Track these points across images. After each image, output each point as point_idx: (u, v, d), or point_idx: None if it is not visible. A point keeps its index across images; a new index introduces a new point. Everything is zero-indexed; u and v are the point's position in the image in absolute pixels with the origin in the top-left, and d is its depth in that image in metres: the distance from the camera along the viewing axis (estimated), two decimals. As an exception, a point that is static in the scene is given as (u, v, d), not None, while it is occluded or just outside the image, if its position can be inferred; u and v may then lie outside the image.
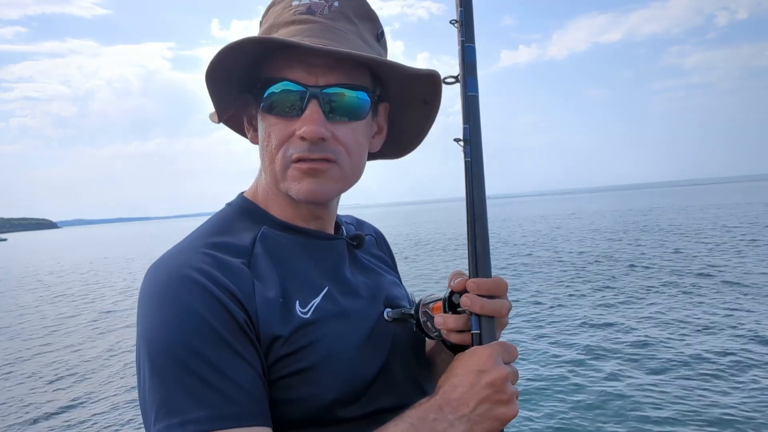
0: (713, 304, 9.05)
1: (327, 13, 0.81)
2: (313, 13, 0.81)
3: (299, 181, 0.81)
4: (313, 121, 0.77)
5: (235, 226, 0.85)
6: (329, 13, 0.81)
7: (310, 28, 0.79)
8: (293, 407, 0.75)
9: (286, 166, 0.81)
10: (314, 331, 0.78)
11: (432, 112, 0.94)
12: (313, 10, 0.81)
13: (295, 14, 0.81)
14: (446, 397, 0.72)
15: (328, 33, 0.79)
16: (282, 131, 0.80)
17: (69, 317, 12.73)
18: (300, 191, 0.81)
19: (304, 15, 0.81)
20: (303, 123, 0.78)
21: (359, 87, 0.82)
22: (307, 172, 0.80)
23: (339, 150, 0.81)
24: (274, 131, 0.81)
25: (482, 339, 0.77)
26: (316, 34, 0.78)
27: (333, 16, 0.82)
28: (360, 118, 0.83)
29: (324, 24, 0.80)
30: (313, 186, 0.81)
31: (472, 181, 0.81)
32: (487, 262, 0.80)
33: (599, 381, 5.99)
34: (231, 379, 0.68)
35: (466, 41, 0.83)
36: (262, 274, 0.78)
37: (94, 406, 6.53)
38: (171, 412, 0.66)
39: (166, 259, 0.77)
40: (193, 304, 0.69)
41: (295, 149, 0.79)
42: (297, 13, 0.81)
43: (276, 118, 0.80)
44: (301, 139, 0.78)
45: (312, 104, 0.78)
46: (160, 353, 0.68)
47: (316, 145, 0.79)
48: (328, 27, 0.80)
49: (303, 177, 0.80)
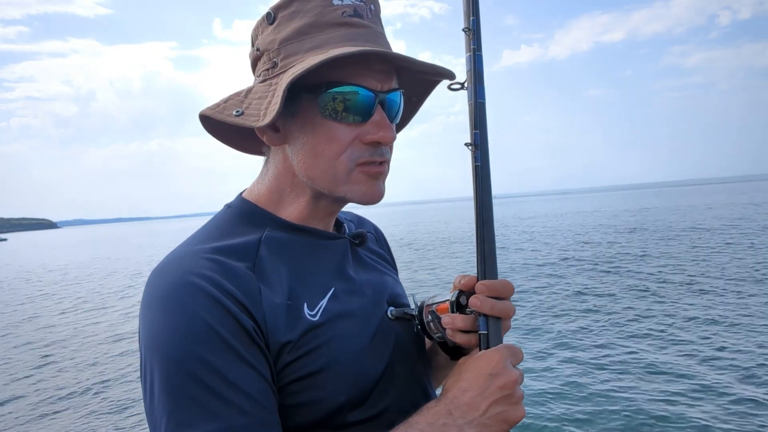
0: (724, 303, 9.05)
1: (370, 16, 0.82)
2: (360, 16, 0.81)
3: (364, 184, 0.83)
4: (386, 126, 0.81)
5: (238, 229, 0.84)
6: (371, 16, 0.83)
7: (365, 33, 0.80)
8: (302, 412, 0.75)
9: (351, 169, 0.81)
10: (323, 333, 0.77)
11: (415, 109, 0.97)
12: (359, 12, 0.81)
13: (344, 16, 0.80)
14: (456, 402, 0.72)
15: (379, 39, 0.82)
16: (347, 135, 0.80)
17: (69, 317, 12.72)
18: (366, 194, 0.83)
19: (354, 18, 0.80)
20: (377, 128, 0.80)
21: (399, 89, 0.85)
22: (374, 176, 0.83)
23: (388, 151, 0.85)
24: (337, 135, 0.80)
25: (490, 340, 0.77)
26: (372, 39, 0.80)
27: (374, 19, 0.83)
28: (398, 117, 0.87)
29: (373, 29, 0.82)
30: (377, 188, 0.84)
31: (481, 185, 0.81)
32: (494, 264, 0.80)
33: (599, 381, 5.99)
34: (241, 389, 0.67)
35: (477, 50, 0.83)
36: (268, 278, 0.78)
37: (96, 412, 6.52)
38: (180, 425, 0.65)
39: (169, 265, 0.75)
40: (199, 313, 0.68)
41: (361, 153, 0.81)
42: (346, 14, 0.80)
43: (338, 123, 0.79)
44: (371, 144, 0.81)
45: (380, 109, 0.81)
46: (168, 364, 0.67)
47: (380, 149, 0.82)
48: (376, 32, 0.82)
49: (368, 180, 0.83)
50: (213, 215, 0.91)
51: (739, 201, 41.92)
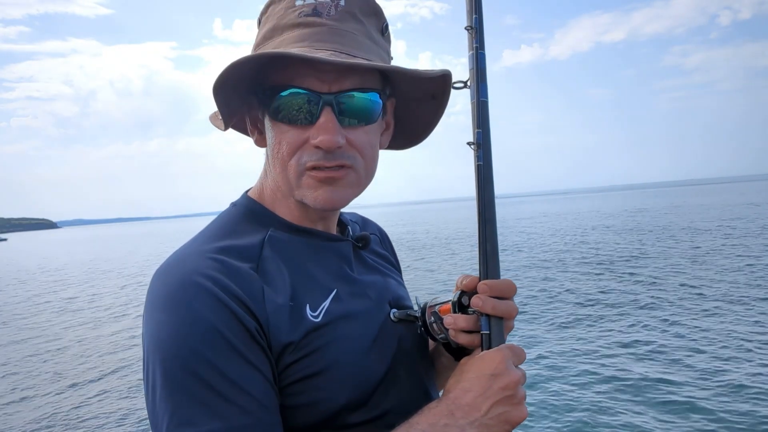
0: (725, 303, 9.04)
1: (333, 13, 0.78)
2: (319, 15, 0.78)
3: (315, 190, 0.79)
4: (328, 129, 0.76)
5: (242, 228, 0.84)
6: (336, 13, 0.79)
7: (318, 32, 0.77)
8: (303, 413, 0.75)
9: (300, 173, 0.79)
10: (325, 334, 0.77)
11: (440, 107, 0.92)
12: (319, 11, 0.78)
13: (300, 16, 0.78)
14: (457, 402, 0.72)
15: (336, 36, 0.77)
16: (294, 139, 0.78)
17: (68, 317, 12.72)
18: (317, 199, 0.80)
19: (311, 17, 0.78)
20: (318, 131, 0.76)
21: (371, 89, 0.80)
22: (324, 181, 0.79)
23: (354, 155, 0.80)
24: (285, 139, 0.78)
25: (492, 340, 0.77)
26: (324, 38, 0.76)
27: (340, 16, 0.79)
28: (373, 120, 0.82)
29: (331, 27, 0.78)
30: (329, 194, 0.80)
31: (484, 184, 0.80)
32: (496, 264, 0.80)
33: (599, 381, 5.98)
34: (243, 389, 0.67)
35: (479, 48, 0.82)
36: (272, 278, 0.77)
37: (97, 411, 6.52)
38: (183, 423, 0.65)
39: (173, 265, 0.75)
40: (203, 313, 0.68)
41: (309, 157, 0.78)
42: (302, 14, 0.78)
43: (287, 126, 0.78)
44: (316, 147, 0.77)
45: (326, 111, 0.76)
46: (171, 363, 0.67)
47: (332, 153, 0.77)
48: (336, 30, 0.78)
49: (319, 185, 0.79)
50: (213, 215, 0.91)
51: (744, 201, 41.85)
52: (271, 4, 0.83)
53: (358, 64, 0.74)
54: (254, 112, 0.86)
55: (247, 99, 0.84)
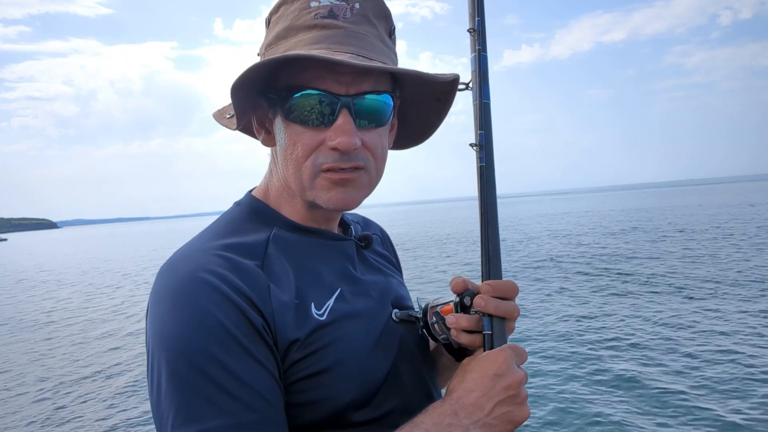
0: (728, 305, 9.05)
1: (349, 16, 0.79)
2: (335, 17, 0.78)
3: (329, 191, 0.80)
4: (346, 131, 0.76)
5: (247, 227, 0.84)
6: (351, 16, 0.79)
7: (335, 34, 0.77)
8: (307, 411, 0.75)
9: (315, 175, 0.79)
10: (330, 332, 0.77)
11: (444, 109, 0.92)
12: (335, 13, 0.78)
13: (316, 17, 0.78)
14: (461, 402, 0.72)
15: (353, 39, 0.77)
16: (310, 140, 0.78)
17: (68, 317, 12.73)
18: (330, 200, 0.80)
19: (327, 19, 0.78)
20: (336, 134, 0.76)
21: (384, 91, 0.81)
22: (338, 182, 0.79)
23: (367, 156, 0.81)
24: (301, 140, 0.79)
25: (494, 340, 0.77)
26: (342, 41, 0.76)
27: (355, 19, 0.79)
28: (385, 122, 0.83)
29: (348, 29, 0.78)
30: (343, 195, 0.80)
31: (486, 186, 0.81)
32: (498, 264, 0.81)
33: (599, 381, 5.99)
34: (249, 386, 0.67)
35: (482, 50, 0.82)
36: (277, 276, 0.78)
37: (97, 410, 6.52)
38: (188, 420, 0.65)
39: (179, 261, 0.75)
40: (209, 309, 0.68)
41: (325, 158, 0.78)
42: (318, 16, 0.78)
43: (303, 127, 0.78)
44: (332, 149, 0.77)
45: (343, 114, 0.77)
46: (177, 359, 0.67)
47: (347, 155, 0.78)
48: (352, 32, 0.78)
49: (333, 187, 0.80)
50: (213, 215, 0.91)
51: (743, 201, 41.85)
52: (283, 4, 0.82)
53: (378, 67, 0.74)
54: (261, 111, 0.86)
55: (255, 99, 0.84)
